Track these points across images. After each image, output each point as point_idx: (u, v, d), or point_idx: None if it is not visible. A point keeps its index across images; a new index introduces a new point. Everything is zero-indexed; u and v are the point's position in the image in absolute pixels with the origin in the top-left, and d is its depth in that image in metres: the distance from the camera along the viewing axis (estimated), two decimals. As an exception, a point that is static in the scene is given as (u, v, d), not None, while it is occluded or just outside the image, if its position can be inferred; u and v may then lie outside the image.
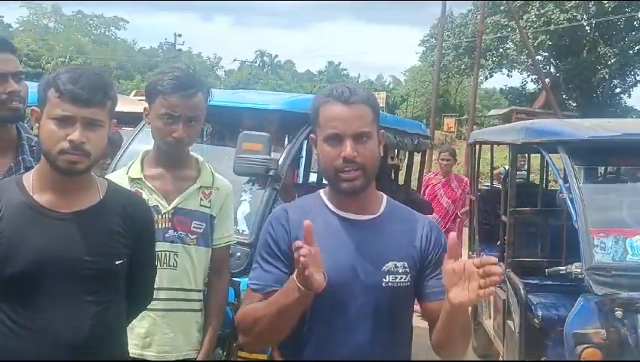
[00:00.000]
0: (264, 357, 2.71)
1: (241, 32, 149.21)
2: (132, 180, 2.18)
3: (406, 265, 1.64)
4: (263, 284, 1.64)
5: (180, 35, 49.77)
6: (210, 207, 2.25)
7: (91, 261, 1.64)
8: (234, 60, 58.00)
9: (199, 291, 2.27)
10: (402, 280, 1.63)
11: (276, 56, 71.71)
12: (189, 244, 2.19)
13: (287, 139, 3.95)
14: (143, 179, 2.18)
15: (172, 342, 2.19)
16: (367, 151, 1.61)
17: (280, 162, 3.34)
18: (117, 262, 1.69)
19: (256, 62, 69.24)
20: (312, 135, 1.72)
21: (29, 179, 1.68)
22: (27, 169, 2.00)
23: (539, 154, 4.69)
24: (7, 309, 1.61)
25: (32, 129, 2.08)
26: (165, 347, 2.18)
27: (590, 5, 25.66)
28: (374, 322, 1.62)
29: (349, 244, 1.63)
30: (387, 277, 1.61)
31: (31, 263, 1.59)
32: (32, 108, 1.68)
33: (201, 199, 2.23)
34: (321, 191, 1.76)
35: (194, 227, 2.20)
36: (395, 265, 1.63)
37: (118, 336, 1.78)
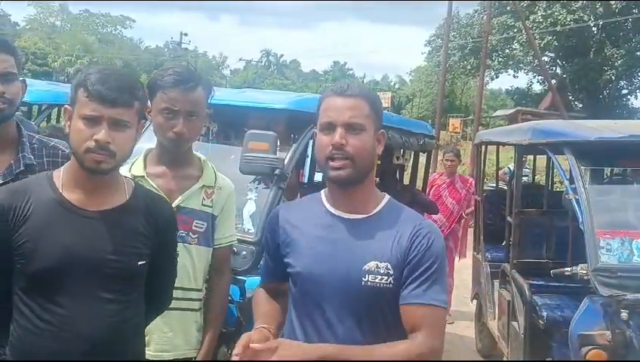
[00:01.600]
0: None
1: (246, 31, 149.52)
2: (134, 178, 2.16)
3: (389, 267, 1.61)
4: (264, 277, 1.91)
5: (185, 34, 49.79)
6: (212, 207, 2.24)
7: (115, 260, 1.65)
8: (239, 60, 58.07)
9: (199, 291, 2.26)
10: (383, 280, 1.61)
11: (282, 55, 71.80)
12: (189, 243, 2.19)
13: (292, 138, 3.95)
14: (146, 177, 2.17)
15: (170, 341, 2.19)
16: (358, 143, 1.62)
17: (286, 161, 3.34)
18: (139, 263, 1.71)
19: (261, 62, 69.29)
20: (314, 130, 1.74)
21: (59, 176, 1.71)
22: (27, 166, 2.01)
23: (545, 155, 4.68)
24: (31, 303, 1.63)
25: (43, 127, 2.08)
26: (164, 346, 2.18)
27: (597, 6, 25.55)
28: (355, 320, 1.62)
29: (333, 241, 1.66)
30: (367, 276, 1.61)
31: (56, 259, 1.61)
32: (65, 106, 1.72)
33: (204, 198, 2.23)
34: (323, 191, 1.79)
35: (195, 226, 2.20)
36: (377, 265, 1.61)
37: (137, 337, 1.79)
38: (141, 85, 1.74)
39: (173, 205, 2.17)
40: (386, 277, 1.61)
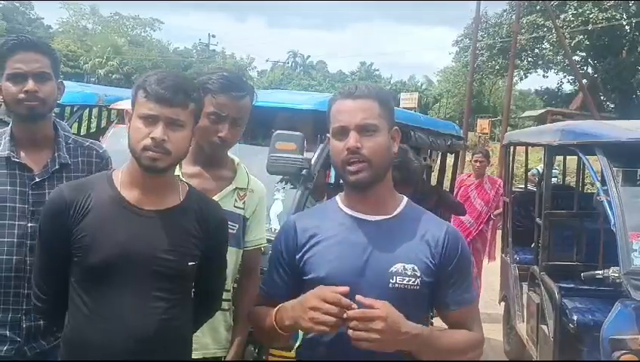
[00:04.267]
0: (293, 354, 2.72)
1: (274, 33, 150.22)
2: None
3: (415, 268, 1.62)
4: (270, 292, 1.77)
5: (213, 36, 50.45)
6: (244, 209, 2.26)
7: (166, 259, 1.70)
8: (267, 61, 58.45)
9: (228, 291, 2.27)
10: (411, 282, 1.61)
11: (308, 56, 71.93)
12: None
13: (319, 138, 3.96)
14: (181, 177, 2.17)
15: (199, 340, 2.19)
16: (373, 144, 1.61)
17: (312, 162, 3.35)
18: (189, 263, 1.75)
19: (288, 63, 69.59)
20: (327, 135, 1.74)
21: (118, 174, 1.78)
22: (62, 165, 2.07)
23: (575, 156, 4.60)
24: (85, 296, 1.69)
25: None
26: (194, 345, 2.20)
27: (630, 4, 25.03)
28: None
29: (357, 244, 1.64)
30: (394, 278, 1.60)
31: (110, 255, 1.66)
32: (126, 109, 1.78)
33: (236, 200, 2.24)
34: (338, 195, 1.78)
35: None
36: (404, 266, 1.61)
37: (183, 337, 1.82)
38: (197, 88, 1.79)
39: None
40: (413, 279, 1.61)
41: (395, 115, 1.74)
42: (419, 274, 1.62)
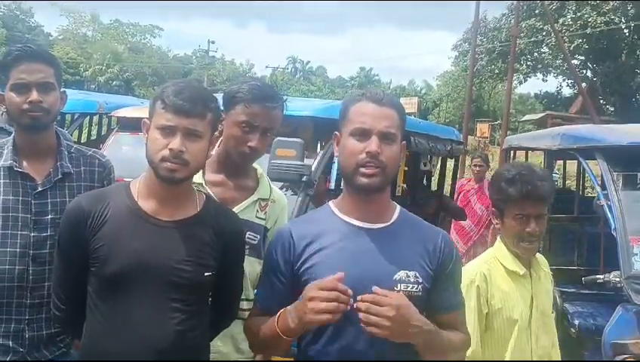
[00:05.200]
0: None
1: (274, 38, 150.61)
2: (192, 184, 2.19)
3: (417, 275, 1.64)
4: (265, 303, 1.75)
5: (213, 42, 50.22)
6: (265, 219, 2.24)
7: (182, 269, 1.70)
8: (266, 67, 58.38)
9: (250, 301, 2.25)
10: (414, 289, 1.63)
11: (308, 62, 72.13)
12: None
13: (319, 145, 3.97)
14: (204, 185, 2.15)
15: (220, 350, 2.18)
16: (390, 153, 1.64)
17: (313, 168, 3.36)
18: (205, 274, 1.75)
19: (288, 69, 69.70)
20: (336, 132, 1.74)
21: (135, 185, 1.79)
22: (64, 175, 2.07)
23: (575, 161, 4.61)
24: (102, 305, 1.71)
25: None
26: (214, 355, 2.14)
27: (629, 7, 25.08)
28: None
29: (360, 252, 1.64)
30: (399, 285, 1.62)
31: (127, 264, 1.67)
32: (143, 119, 1.78)
33: (258, 211, 2.22)
34: (331, 203, 1.78)
35: (248, 238, 2.17)
36: (407, 274, 1.64)
37: (200, 347, 1.82)
38: (215, 98, 1.79)
39: None
40: (416, 286, 1.64)
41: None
42: (421, 281, 1.64)
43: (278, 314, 1.63)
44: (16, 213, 1.99)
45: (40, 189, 2.03)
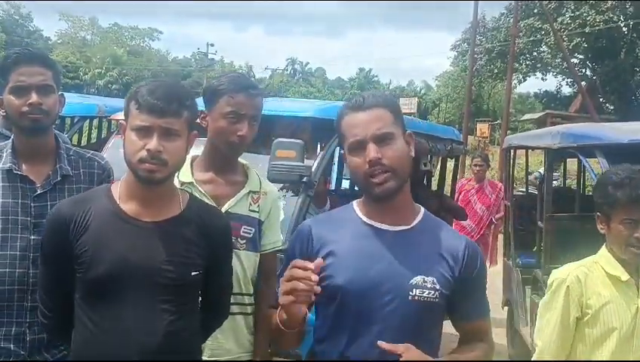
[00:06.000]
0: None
1: (273, 40, 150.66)
2: (182, 184, 2.17)
3: (435, 281, 1.60)
4: None
5: (212, 45, 50.53)
6: (258, 212, 2.26)
7: (168, 270, 1.69)
8: (265, 69, 58.56)
9: (250, 295, 2.28)
10: (430, 295, 1.60)
11: (307, 63, 72.12)
12: (239, 249, 2.19)
13: (319, 145, 3.97)
14: (195, 183, 2.18)
15: (223, 345, 2.20)
16: (392, 152, 1.59)
17: (313, 169, 3.36)
18: (193, 273, 1.73)
19: (287, 71, 69.72)
20: (342, 151, 1.72)
21: (116, 187, 1.77)
22: (64, 177, 2.08)
23: (575, 159, 4.60)
24: (89, 311, 1.69)
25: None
26: (217, 350, 2.19)
27: (627, 6, 25.08)
28: (399, 334, 1.59)
29: (377, 254, 1.62)
30: (414, 290, 1.59)
31: (112, 268, 1.66)
32: (120, 121, 1.77)
33: (250, 204, 2.24)
34: (355, 202, 1.75)
35: (243, 232, 2.21)
36: (424, 279, 1.60)
37: (192, 347, 1.81)
38: (191, 96, 1.77)
39: (222, 211, 2.17)
40: (432, 292, 1.60)
41: (403, 119, 1.72)
42: (438, 288, 1.61)
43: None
44: (16, 216, 1.98)
45: (39, 192, 2.03)
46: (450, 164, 6.13)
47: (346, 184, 6.27)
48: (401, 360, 1.48)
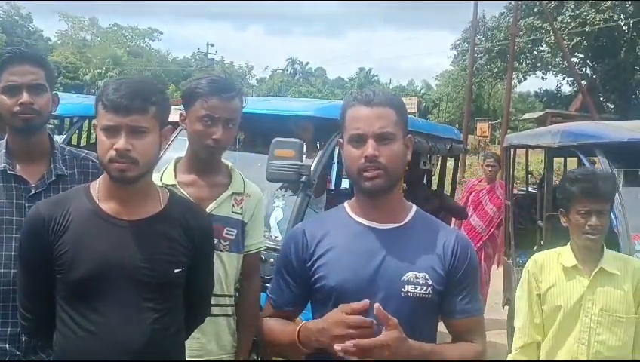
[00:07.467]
0: None
1: (273, 40, 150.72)
2: (165, 186, 2.16)
3: (427, 277, 1.62)
4: (278, 301, 1.76)
5: (212, 45, 50.60)
6: (241, 214, 2.26)
7: (150, 268, 1.68)
8: (265, 69, 58.62)
9: (231, 296, 2.29)
10: (423, 291, 1.61)
11: (307, 63, 72.13)
12: (221, 251, 2.20)
13: (318, 145, 3.96)
14: (177, 186, 2.20)
15: (204, 347, 2.20)
16: (389, 153, 1.61)
17: (312, 168, 3.35)
18: (175, 271, 1.73)
19: (287, 70, 69.73)
20: (339, 139, 1.73)
21: (95, 187, 1.76)
22: (58, 177, 2.07)
23: (576, 158, 4.59)
24: (72, 311, 1.67)
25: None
26: (197, 351, 2.19)
27: (627, 5, 25.06)
28: None
29: (368, 252, 1.63)
30: (406, 286, 1.60)
31: (93, 268, 1.64)
32: (93, 122, 1.76)
33: (233, 205, 2.25)
34: (346, 203, 1.77)
35: (226, 233, 2.22)
36: (416, 275, 1.61)
37: (176, 345, 1.80)
38: (159, 91, 1.74)
39: None
40: (424, 288, 1.61)
41: (407, 123, 1.73)
42: (430, 283, 1.62)
43: (299, 326, 1.62)
44: (11, 216, 1.98)
45: (34, 192, 2.02)
46: (450, 164, 6.13)
47: (345, 183, 6.25)
48: (378, 338, 1.48)
